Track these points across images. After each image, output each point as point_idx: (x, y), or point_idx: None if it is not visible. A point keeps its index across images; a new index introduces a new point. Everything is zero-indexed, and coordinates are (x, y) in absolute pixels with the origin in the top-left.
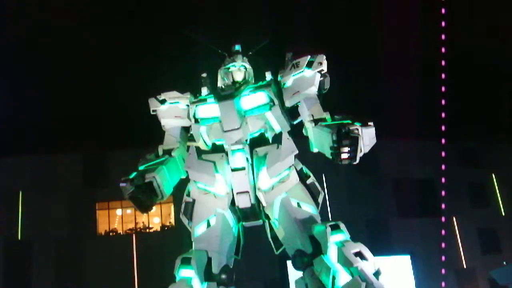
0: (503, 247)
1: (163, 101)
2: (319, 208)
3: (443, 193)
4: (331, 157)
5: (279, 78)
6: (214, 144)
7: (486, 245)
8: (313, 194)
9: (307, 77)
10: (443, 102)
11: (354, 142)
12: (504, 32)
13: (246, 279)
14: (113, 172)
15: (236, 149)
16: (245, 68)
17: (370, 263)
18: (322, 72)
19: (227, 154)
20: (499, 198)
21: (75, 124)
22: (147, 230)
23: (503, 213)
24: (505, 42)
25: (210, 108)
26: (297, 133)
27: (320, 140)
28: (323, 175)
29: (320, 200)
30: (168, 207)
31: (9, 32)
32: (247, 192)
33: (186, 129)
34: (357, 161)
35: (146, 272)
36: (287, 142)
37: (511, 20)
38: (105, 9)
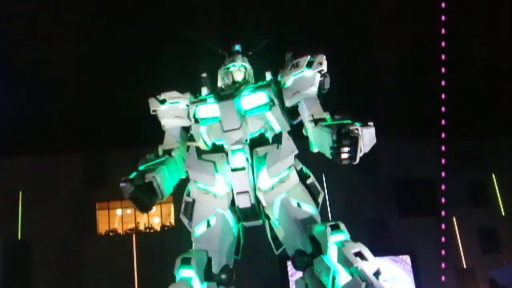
0: (503, 247)
1: (163, 101)
2: (319, 208)
3: (443, 193)
4: (331, 157)
5: (279, 78)
6: (214, 144)
7: (486, 245)
8: (313, 194)
9: (307, 77)
10: (443, 102)
11: (354, 142)
12: (505, 30)
13: (246, 279)
14: (113, 172)
15: (236, 149)
16: (245, 68)
17: (370, 263)
18: (322, 72)
19: (227, 154)
20: (499, 198)
21: (75, 124)
22: (147, 230)
23: (503, 213)
24: (505, 41)
25: (210, 108)
26: (297, 133)
27: (320, 140)
28: (323, 175)
29: (320, 200)
30: (168, 207)
31: (8, 31)
32: (247, 192)
33: (186, 129)
34: (357, 161)
35: (146, 272)
36: (287, 142)
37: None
38: (105, 9)
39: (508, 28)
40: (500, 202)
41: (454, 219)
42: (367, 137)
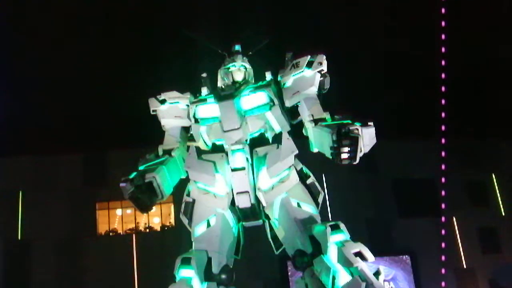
0: (503, 247)
1: (163, 101)
2: (319, 208)
3: (443, 193)
4: (331, 157)
5: (279, 78)
6: (214, 144)
7: (486, 245)
8: (313, 194)
9: (307, 77)
10: (443, 101)
11: (354, 142)
12: (505, 30)
13: (246, 279)
14: (113, 172)
15: (236, 149)
16: (245, 68)
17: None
18: (322, 72)
19: (227, 154)
20: (499, 198)
21: (75, 124)
22: (147, 230)
23: (503, 213)
24: (505, 40)
25: (210, 108)
26: (297, 133)
27: (320, 140)
28: (323, 175)
29: (320, 200)
30: (168, 207)
31: (8, 31)
32: (247, 192)
33: (186, 129)
34: (357, 161)
35: (146, 272)
36: (287, 142)
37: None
38: (105, 9)
39: (508, 28)
40: (500, 202)
41: (454, 219)
42: (367, 137)
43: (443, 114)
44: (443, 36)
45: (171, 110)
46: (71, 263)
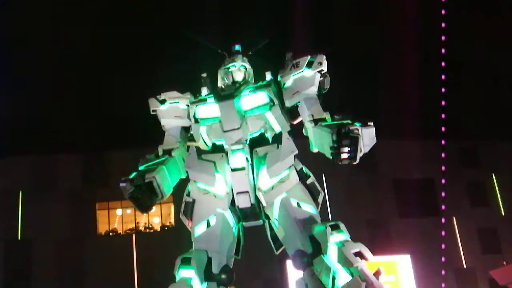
0: (503, 247)
1: (163, 101)
2: (319, 208)
3: (443, 193)
4: (331, 157)
5: (279, 78)
6: (214, 144)
7: (486, 245)
8: (313, 194)
9: (307, 77)
10: (443, 102)
11: (354, 142)
12: (504, 30)
13: (246, 279)
14: (113, 172)
15: (236, 149)
16: (245, 68)
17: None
18: (322, 72)
19: (227, 154)
20: (499, 198)
21: (75, 124)
22: (147, 230)
23: (503, 213)
24: (505, 41)
25: (210, 108)
26: (297, 133)
27: (320, 140)
28: (323, 175)
29: (320, 200)
30: (168, 207)
31: (9, 31)
32: (247, 192)
33: (186, 129)
34: (357, 161)
35: (146, 272)
36: (287, 142)
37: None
38: (105, 9)
39: (508, 29)
40: (500, 202)
41: (454, 219)
42: (367, 137)
43: (443, 114)
44: (443, 38)
45: (171, 110)
46: (71, 263)
